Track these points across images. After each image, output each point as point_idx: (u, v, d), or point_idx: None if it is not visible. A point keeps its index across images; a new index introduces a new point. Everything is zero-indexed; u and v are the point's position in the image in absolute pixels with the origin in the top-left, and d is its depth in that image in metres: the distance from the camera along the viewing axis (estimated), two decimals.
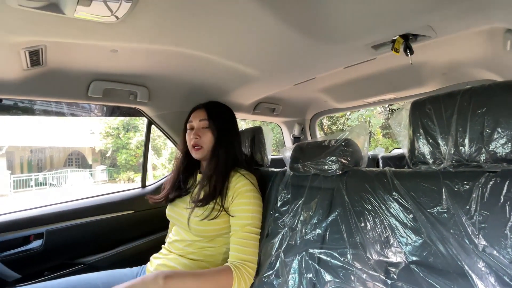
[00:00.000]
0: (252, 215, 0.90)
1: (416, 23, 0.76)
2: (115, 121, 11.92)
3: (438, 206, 0.68)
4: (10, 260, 1.06)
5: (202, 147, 0.97)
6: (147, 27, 0.73)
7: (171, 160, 12.21)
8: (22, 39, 0.72)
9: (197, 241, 0.92)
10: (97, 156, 13.75)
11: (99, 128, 12.38)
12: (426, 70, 1.37)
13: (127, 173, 12.44)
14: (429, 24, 0.76)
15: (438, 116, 0.73)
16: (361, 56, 1.01)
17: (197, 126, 0.99)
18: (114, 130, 12.25)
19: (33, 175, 10.76)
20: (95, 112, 1.74)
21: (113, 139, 12.34)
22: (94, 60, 0.97)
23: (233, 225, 0.90)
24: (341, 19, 0.79)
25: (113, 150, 12.65)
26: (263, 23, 0.78)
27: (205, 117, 0.98)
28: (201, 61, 1.06)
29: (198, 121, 0.99)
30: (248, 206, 0.90)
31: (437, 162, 0.73)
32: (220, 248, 0.94)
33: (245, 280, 0.83)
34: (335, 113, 3.64)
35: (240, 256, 0.85)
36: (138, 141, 12.20)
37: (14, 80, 0.93)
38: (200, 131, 0.98)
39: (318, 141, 1.01)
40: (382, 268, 0.72)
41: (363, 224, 0.78)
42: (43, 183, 10.82)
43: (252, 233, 0.89)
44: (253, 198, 0.92)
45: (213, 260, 0.93)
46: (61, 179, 11.34)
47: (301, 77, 1.25)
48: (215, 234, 0.91)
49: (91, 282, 0.91)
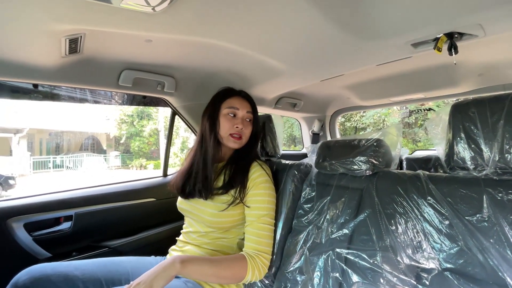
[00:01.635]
0: (268, 206, 0.90)
1: (466, 21, 0.72)
2: (130, 108, 12.14)
3: (477, 214, 0.66)
4: (42, 239, 1.11)
5: (241, 138, 0.95)
6: (188, 18, 0.73)
7: (183, 149, 12.39)
8: (65, 27, 0.74)
9: (211, 232, 0.93)
10: (111, 142, 14.11)
11: (114, 115, 12.66)
12: (461, 70, 1.31)
13: (139, 160, 12.73)
14: (479, 23, 0.72)
15: (482, 120, 0.70)
16: (398, 54, 0.98)
17: (243, 116, 0.96)
18: (128, 117, 12.50)
19: (51, 157, 11.19)
20: (115, 100, 1.77)
21: (127, 126, 12.61)
22: (127, 49, 0.98)
23: (249, 215, 0.90)
24: (384, 15, 0.76)
25: (127, 137, 12.94)
26: (302, 15, 0.76)
27: (250, 109, 0.98)
28: (231, 53, 1.05)
29: (246, 112, 0.97)
30: (264, 197, 0.90)
31: (479, 169, 0.71)
32: (234, 239, 0.95)
33: (259, 270, 0.84)
34: (357, 111, 3.56)
35: (255, 247, 0.86)
36: (151, 129, 12.41)
37: (51, 67, 0.95)
38: (245, 122, 0.97)
39: (347, 140, 1.00)
40: (413, 273, 0.70)
41: (394, 227, 0.77)
42: (61, 166, 11.23)
43: (268, 224, 0.89)
44: (268, 189, 0.92)
45: (227, 250, 0.94)
46: (77, 163, 11.73)
47: (329, 73, 1.22)
48: (230, 225, 0.92)
49: (120, 265, 0.94)
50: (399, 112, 8.62)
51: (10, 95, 1.12)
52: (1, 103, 9.93)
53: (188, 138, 12.58)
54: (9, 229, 1.04)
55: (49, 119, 10.44)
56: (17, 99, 1.13)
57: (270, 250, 0.89)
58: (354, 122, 8.73)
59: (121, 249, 1.29)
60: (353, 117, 8.81)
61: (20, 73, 0.94)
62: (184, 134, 12.01)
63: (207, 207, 0.91)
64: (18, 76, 0.96)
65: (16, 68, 0.91)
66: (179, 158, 11.74)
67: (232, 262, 0.81)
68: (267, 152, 1.17)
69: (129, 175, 10.54)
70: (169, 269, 0.72)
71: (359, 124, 8.69)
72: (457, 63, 1.28)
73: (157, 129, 12.34)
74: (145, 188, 1.44)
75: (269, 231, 0.90)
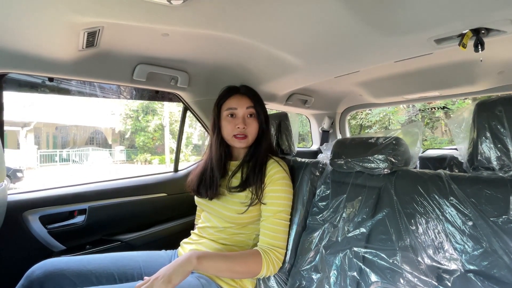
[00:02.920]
0: (284, 203, 0.91)
1: (496, 17, 0.70)
2: (135, 103, 12.18)
3: (504, 215, 0.65)
4: (57, 232, 1.12)
5: (247, 137, 0.94)
6: (208, 11, 0.72)
7: (188, 145, 12.43)
8: (85, 20, 0.73)
9: (229, 228, 0.93)
10: (116, 137, 14.21)
11: (120, 109, 12.72)
12: (480, 68, 1.27)
13: (144, 155, 12.81)
14: (510, 18, 0.70)
15: (510, 119, 0.68)
16: (419, 50, 0.95)
17: (243, 114, 0.94)
18: (133, 112, 12.55)
19: (58, 151, 11.32)
20: (124, 95, 1.77)
21: (132, 121, 12.67)
22: (143, 44, 0.97)
23: (265, 211, 0.90)
24: (409, 9, 0.74)
25: (132, 132, 13.01)
26: (324, 7, 0.74)
27: (251, 104, 0.95)
28: (247, 48, 1.03)
29: (245, 109, 0.94)
30: (280, 194, 0.90)
31: (505, 169, 0.69)
32: (251, 235, 0.95)
33: (274, 265, 0.85)
34: (368, 108, 3.50)
35: (270, 242, 0.87)
36: (156, 125, 12.45)
37: (67, 60, 0.94)
38: (246, 119, 0.95)
39: (363, 137, 0.98)
40: (434, 273, 0.69)
41: (414, 227, 0.76)
42: (67, 159, 11.36)
43: (283, 220, 0.90)
44: (286, 186, 0.92)
45: (243, 245, 0.94)
46: (83, 157, 11.85)
47: (345, 69, 1.20)
48: (248, 221, 0.92)
49: (132, 259, 0.95)
50: (406, 110, 8.51)
51: (19, 89, 1.12)
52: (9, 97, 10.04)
53: (192, 134, 12.60)
54: (25, 222, 1.06)
55: (56, 114, 10.54)
56: (26, 92, 1.13)
57: (284, 245, 0.89)
58: (359, 120, 8.65)
59: (133, 243, 1.30)
60: (358, 114, 8.73)
61: (37, 67, 0.93)
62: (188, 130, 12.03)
63: (228, 203, 0.91)
64: (34, 69, 0.95)
65: (33, 61, 0.91)
66: (183, 153, 11.79)
67: (247, 258, 0.82)
68: (283, 150, 1.16)
69: (134, 170, 10.63)
70: (186, 265, 0.73)
71: (364, 122, 8.61)
72: (476, 60, 1.25)
73: (162, 124, 12.38)
74: (156, 183, 1.45)
75: (285, 226, 0.90)
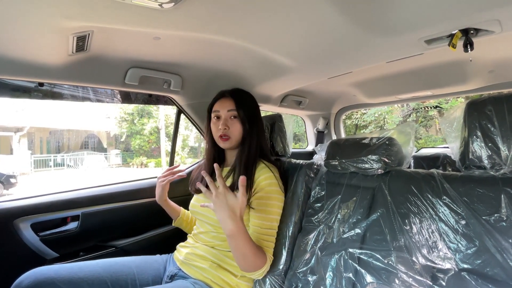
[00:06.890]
0: (274, 210, 0.92)
1: (484, 17, 0.71)
2: (130, 106, 12.10)
3: (495, 214, 0.65)
4: (49, 239, 1.10)
5: (230, 138, 0.95)
6: (199, 15, 0.71)
7: (184, 147, 12.37)
8: (74, 24, 0.72)
9: (222, 234, 0.93)
10: (111, 140, 14.09)
11: (115, 113, 12.63)
12: (471, 67, 1.29)
13: (140, 158, 12.72)
14: (498, 19, 0.70)
15: (500, 118, 0.69)
16: (410, 51, 0.96)
17: (225, 116, 0.96)
18: (128, 115, 12.47)
19: (52, 155, 11.18)
20: (118, 98, 1.75)
21: (127, 124, 12.58)
22: (135, 47, 0.96)
23: (253, 217, 0.90)
24: (399, 10, 0.75)
25: (127, 135, 12.92)
26: (315, 9, 0.74)
27: (233, 107, 0.96)
28: (239, 50, 1.03)
29: (226, 111, 0.96)
30: (271, 201, 0.91)
31: (496, 168, 0.69)
32: None
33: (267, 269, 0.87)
34: (362, 108, 3.53)
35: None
36: (152, 128, 12.39)
37: (58, 65, 0.93)
38: (229, 121, 0.96)
39: (357, 138, 0.98)
40: (429, 273, 0.70)
41: (408, 227, 0.76)
42: (61, 164, 11.23)
43: (273, 229, 0.91)
44: (276, 193, 0.92)
45: None
46: (77, 161, 11.73)
47: (339, 70, 1.20)
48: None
49: (126, 265, 0.94)
50: (401, 109, 8.59)
51: (11, 94, 1.10)
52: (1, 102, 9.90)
53: (188, 136, 12.55)
54: (16, 229, 1.03)
55: (49, 118, 10.42)
56: (19, 98, 1.12)
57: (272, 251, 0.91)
58: (355, 120, 8.70)
59: (127, 249, 1.28)
60: (353, 114, 8.78)
61: (25, 72, 0.92)
62: (184, 132, 11.98)
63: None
64: (24, 75, 0.94)
65: (22, 66, 0.90)
66: (180, 156, 11.73)
67: (260, 252, 0.84)
68: (277, 152, 1.16)
69: (130, 173, 10.54)
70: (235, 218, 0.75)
71: (360, 122, 8.66)
72: (467, 60, 1.27)
73: (157, 127, 12.32)
74: (151, 188, 1.43)
75: (273, 235, 0.92)
